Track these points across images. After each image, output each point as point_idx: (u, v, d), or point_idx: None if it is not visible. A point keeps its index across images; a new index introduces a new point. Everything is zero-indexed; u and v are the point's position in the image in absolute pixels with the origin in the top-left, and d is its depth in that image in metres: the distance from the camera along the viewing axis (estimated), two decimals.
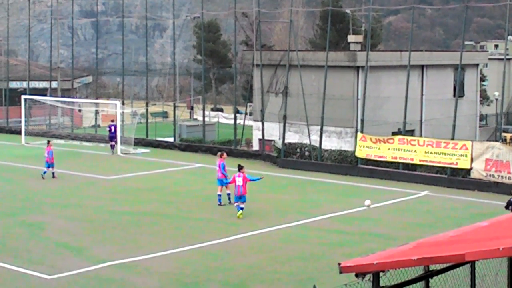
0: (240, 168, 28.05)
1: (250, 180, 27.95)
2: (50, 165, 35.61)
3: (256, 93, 46.54)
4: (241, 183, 27.33)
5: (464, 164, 35.08)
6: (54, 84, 61.55)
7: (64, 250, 22.70)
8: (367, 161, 38.55)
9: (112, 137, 46.17)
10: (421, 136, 42.40)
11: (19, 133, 51.00)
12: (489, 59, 63.58)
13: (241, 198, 27.35)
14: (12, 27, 66.46)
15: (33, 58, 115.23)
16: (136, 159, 44.05)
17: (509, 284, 12.82)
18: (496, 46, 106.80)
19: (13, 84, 64.00)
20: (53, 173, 35.71)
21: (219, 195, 29.51)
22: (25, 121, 51.16)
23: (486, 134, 54.46)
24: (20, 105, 52.32)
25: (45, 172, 35.53)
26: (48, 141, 36.99)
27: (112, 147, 45.94)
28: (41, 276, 19.79)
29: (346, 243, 23.93)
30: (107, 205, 29.74)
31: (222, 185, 29.59)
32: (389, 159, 37.46)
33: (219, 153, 31.55)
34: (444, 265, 11.37)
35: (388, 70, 44.36)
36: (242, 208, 27.21)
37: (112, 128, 46.40)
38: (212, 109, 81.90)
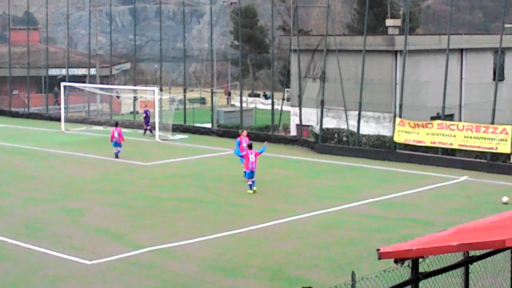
0: (250, 147, 30.75)
1: (260, 152, 30.48)
2: (118, 144, 38.22)
3: (294, 79, 46.45)
4: (253, 159, 29.67)
5: (504, 148, 34.74)
6: (92, 71, 62.03)
7: (104, 235, 22.93)
8: (406, 146, 38.33)
9: (147, 122, 48.27)
10: (460, 120, 42.04)
11: (59, 120, 51.50)
12: None
13: (252, 173, 29.49)
14: (51, 15, 66.96)
15: (72, 46, 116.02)
16: (174, 145, 44.26)
17: None
18: None
19: (52, 72, 64.60)
20: (117, 153, 38.10)
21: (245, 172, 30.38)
22: (64, 108, 51.60)
23: None
24: (60, 92, 52.79)
25: (118, 152, 38.16)
26: (116, 123, 41.02)
27: (146, 131, 48.24)
28: (82, 261, 20.02)
29: (384, 228, 23.85)
30: (146, 191, 29.94)
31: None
32: (427, 144, 37.22)
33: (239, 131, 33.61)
34: (484, 251, 11.30)
35: (426, 54, 43.96)
36: (254, 183, 29.48)
37: (148, 113, 48.12)
38: (250, 95, 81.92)
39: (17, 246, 21.65)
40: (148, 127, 48.31)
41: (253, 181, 29.52)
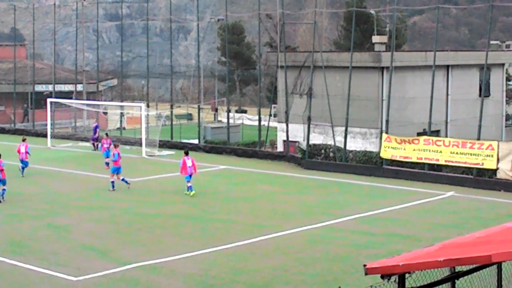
0: (187, 154, 33.05)
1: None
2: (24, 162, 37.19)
3: (281, 95, 46.53)
4: (191, 164, 32.22)
5: (490, 164, 34.87)
6: (79, 87, 61.93)
7: (90, 252, 22.82)
8: (392, 162, 38.40)
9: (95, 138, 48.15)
10: (446, 136, 42.17)
11: (45, 136, 51.34)
12: None
13: (190, 176, 32.10)
14: (38, 31, 66.91)
15: (59, 62, 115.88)
16: (161, 161, 44.19)
17: None
18: None
19: (39, 88, 64.46)
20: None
21: (112, 182, 33.31)
22: (51, 124, 51.44)
23: None
24: (46, 108, 52.70)
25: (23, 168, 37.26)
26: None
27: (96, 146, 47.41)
28: (68, 278, 19.91)
29: (371, 244, 23.84)
30: (133, 207, 29.85)
31: (114, 173, 33.73)
32: (414, 159, 37.31)
33: (114, 143, 36.64)
34: (471, 267, 11.30)
35: (413, 71, 44.15)
36: (191, 187, 32.10)
37: (96, 129, 48.88)
38: (237, 111, 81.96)
39: (2, 262, 21.51)
40: (96, 143, 47.67)
41: (190, 186, 32.09)
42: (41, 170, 39.65)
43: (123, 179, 33.88)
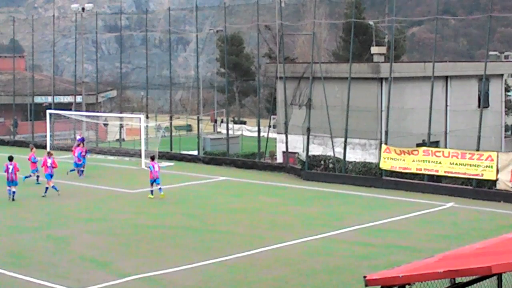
0: (153, 159, 35.52)
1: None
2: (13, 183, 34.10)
3: (280, 106, 46.56)
4: (157, 169, 34.48)
5: (489, 175, 34.85)
6: (78, 99, 61.98)
7: (90, 264, 22.78)
8: (392, 173, 38.39)
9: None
10: (446, 147, 42.17)
11: (44, 147, 51.32)
12: None
13: (156, 180, 34.32)
14: (37, 42, 66.95)
15: (58, 73, 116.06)
16: (160, 172, 44.06)
17: None
18: None
19: (38, 99, 64.51)
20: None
21: (47, 188, 34.75)
22: (50, 136, 51.47)
23: None
24: (45, 119, 52.75)
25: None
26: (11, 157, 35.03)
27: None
28: None
29: (371, 255, 23.82)
30: (132, 219, 29.84)
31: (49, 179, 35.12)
32: (414, 170, 37.30)
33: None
34: (470, 278, 11.30)
35: (412, 82, 44.21)
36: (161, 189, 34.54)
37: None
38: (236, 122, 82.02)
39: (2, 274, 21.47)
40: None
41: (160, 188, 34.51)
42: (40, 181, 39.57)
43: (53, 186, 35.16)
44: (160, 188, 34.52)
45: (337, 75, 44.35)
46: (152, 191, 34.49)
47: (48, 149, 49.40)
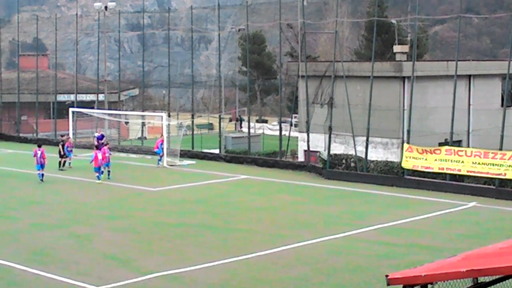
0: (97, 148, 39.66)
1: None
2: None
3: (301, 105, 46.50)
4: (101, 157, 38.13)
5: None
6: (101, 97, 62.22)
7: (112, 261, 22.87)
8: (414, 172, 38.25)
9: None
10: (468, 146, 41.94)
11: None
12: None
13: (99, 168, 38.27)
14: (60, 41, 67.33)
15: (81, 71, 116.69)
16: (182, 170, 44.26)
17: None
18: None
19: (61, 97, 64.83)
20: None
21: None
22: (73, 134, 51.71)
23: None
24: (68, 118, 53.01)
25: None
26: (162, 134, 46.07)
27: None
28: (89, 287, 19.94)
29: (393, 254, 23.74)
30: (154, 217, 29.91)
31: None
32: (436, 170, 37.13)
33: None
34: (493, 277, 11.22)
35: (434, 80, 44.00)
36: (109, 173, 39.16)
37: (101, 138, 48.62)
38: (257, 121, 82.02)
39: (25, 271, 21.59)
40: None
41: (101, 172, 38.45)
42: (62, 179, 39.86)
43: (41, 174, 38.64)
44: (102, 173, 38.62)
45: (359, 73, 44.23)
46: (99, 176, 38.38)
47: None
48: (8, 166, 44.32)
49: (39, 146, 40.01)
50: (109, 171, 39.65)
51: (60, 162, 43.24)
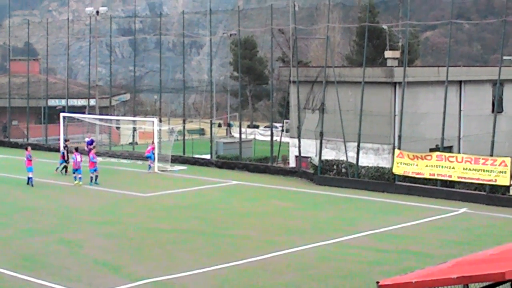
0: (77, 149, 40.57)
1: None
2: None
3: (293, 110, 46.52)
4: (79, 160, 39.18)
5: (503, 181, 34.70)
6: (92, 102, 62.12)
7: (102, 267, 22.81)
8: (405, 178, 38.29)
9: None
10: (459, 152, 42.03)
11: (58, 150, 51.45)
12: None
13: (78, 170, 39.08)
14: (51, 46, 67.19)
15: (72, 76, 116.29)
16: (173, 176, 44.20)
17: None
18: None
19: (52, 102, 64.70)
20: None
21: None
22: (64, 139, 51.56)
23: None
24: (59, 123, 52.90)
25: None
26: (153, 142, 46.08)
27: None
28: None
29: (384, 261, 23.74)
30: (145, 222, 29.85)
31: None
32: (427, 176, 37.19)
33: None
34: (484, 284, 11.23)
35: (425, 86, 44.08)
36: (80, 179, 39.13)
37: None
38: (249, 126, 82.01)
39: (15, 277, 21.51)
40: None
41: (80, 177, 38.99)
42: (53, 185, 39.75)
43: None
44: (80, 177, 39.04)
45: (350, 79, 44.27)
46: (79, 178, 39.12)
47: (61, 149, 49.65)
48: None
49: (76, 150, 40.88)
50: (96, 176, 39.62)
51: (65, 167, 43.36)
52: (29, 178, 38.85)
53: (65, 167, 43.44)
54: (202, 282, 21.06)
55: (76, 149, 41.03)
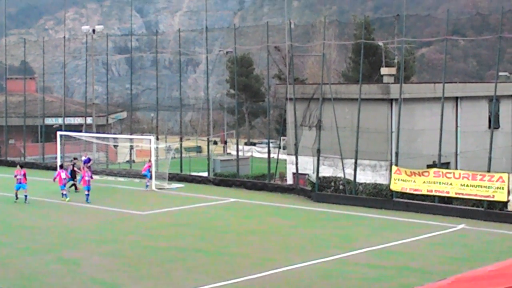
0: (61, 166, 41.50)
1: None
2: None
3: (290, 127, 46.57)
4: (64, 176, 40.13)
5: (501, 196, 34.70)
6: (89, 120, 62.14)
7: (100, 286, 22.74)
8: (402, 195, 38.29)
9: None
10: (456, 168, 42.07)
11: (55, 169, 51.38)
12: None
13: (62, 186, 39.83)
14: (47, 64, 67.34)
15: (68, 95, 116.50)
16: (171, 194, 44.17)
17: None
18: None
19: (49, 121, 64.71)
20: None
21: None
22: (60, 157, 51.56)
23: None
24: (56, 141, 52.88)
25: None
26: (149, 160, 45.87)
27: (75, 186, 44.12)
28: None
29: (383, 278, 23.70)
30: (142, 241, 29.79)
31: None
32: (424, 192, 37.18)
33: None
34: None
35: (422, 102, 44.19)
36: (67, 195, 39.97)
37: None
38: (246, 143, 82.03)
39: None
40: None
41: (65, 194, 39.94)
42: (50, 203, 39.69)
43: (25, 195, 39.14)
44: (66, 194, 39.96)
45: (347, 96, 44.38)
46: (65, 195, 40.02)
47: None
48: None
49: (21, 167, 40.36)
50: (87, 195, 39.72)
51: (73, 185, 43.56)
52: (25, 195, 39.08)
53: (74, 185, 43.45)
54: None
55: (61, 166, 41.82)
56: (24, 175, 39.44)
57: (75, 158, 46.93)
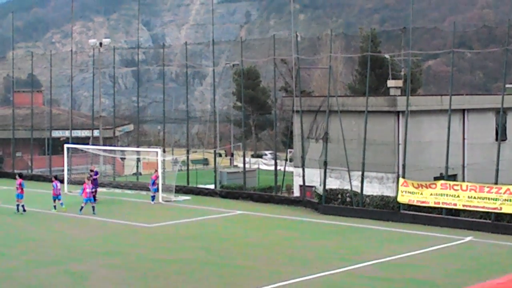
0: (56, 177, 41.05)
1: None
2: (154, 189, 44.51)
3: (296, 139, 46.55)
4: (59, 187, 40.52)
5: (508, 208, 34.61)
6: (96, 133, 62.23)
7: None
8: (410, 207, 38.21)
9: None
10: (463, 180, 41.96)
11: (62, 181, 51.41)
12: None
13: (58, 197, 40.07)
14: (55, 77, 67.48)
15: (75, 107, 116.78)
16: (178, 206, 44.15)
17: None
18: None
19: (56, 133, 64.81)
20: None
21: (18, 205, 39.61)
22: (67, 170, 51.61)
23: None
24: (63, 154, 52.94)
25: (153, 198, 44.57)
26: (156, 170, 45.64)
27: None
28: None
29: None
30: (149, 253, 29.76)
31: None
32: (431, 204, 37.11)
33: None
34: None
35: (429, 115, 44.15)
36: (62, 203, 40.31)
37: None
38: (252, 156, 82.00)
39: None
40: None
41: (61, 203, 40.17)
42: (57, 216, 39.69)
43: (22, 205, 39.65)
44: (61, 203, 40.15)
45: (353, 108, 44.35)
46: (55, 206, 40.21)
47: (66, 186, 49.69)
48: (2, 203, 44.11)
49: (21, 177, 40.88)
50: (82, 207, 39.89)
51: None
52: (22, 206, 39.63)
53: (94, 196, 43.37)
54: None
55: (55, 177, 41.60)
56: (20, 184, 39.61)
57: (91, 170, 46.78)
